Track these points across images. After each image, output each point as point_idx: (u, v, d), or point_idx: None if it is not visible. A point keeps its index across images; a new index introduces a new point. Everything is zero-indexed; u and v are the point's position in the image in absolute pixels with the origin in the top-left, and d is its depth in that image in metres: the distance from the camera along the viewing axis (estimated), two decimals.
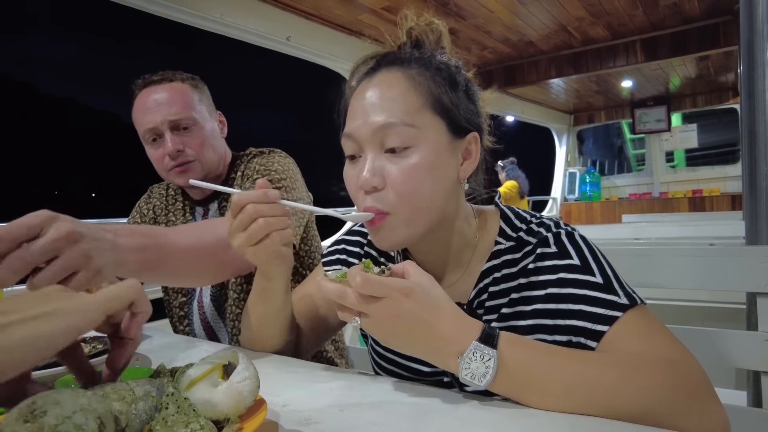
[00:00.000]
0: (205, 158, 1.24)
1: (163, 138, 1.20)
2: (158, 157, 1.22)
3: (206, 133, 1.24)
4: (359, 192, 0.71)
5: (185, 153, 1.20)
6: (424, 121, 0.70)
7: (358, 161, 0.73)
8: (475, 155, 0.76)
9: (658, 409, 0.56)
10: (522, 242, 0.75)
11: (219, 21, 2.55)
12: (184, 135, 1.21)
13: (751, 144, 1.20)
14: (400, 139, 0.68)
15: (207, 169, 1.25)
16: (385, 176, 0.69)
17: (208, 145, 1.24)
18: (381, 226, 0.70)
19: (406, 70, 0.72)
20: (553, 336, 0.70)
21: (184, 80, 1.24)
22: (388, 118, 0.68)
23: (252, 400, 0.51)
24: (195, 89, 1.25)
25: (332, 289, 0.60)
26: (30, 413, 0.39)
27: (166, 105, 1.19)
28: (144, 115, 1.20)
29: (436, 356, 0.61)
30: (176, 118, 1.19)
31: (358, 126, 0.71)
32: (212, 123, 1.29)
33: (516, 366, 0.58)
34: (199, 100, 1.25)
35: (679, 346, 0.64)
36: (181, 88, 1.22)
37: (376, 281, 0.58)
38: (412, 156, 0.69)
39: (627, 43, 4.25)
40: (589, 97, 6.48)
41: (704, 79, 5.86)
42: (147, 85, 1.22)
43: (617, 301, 0.66)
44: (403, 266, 0.63)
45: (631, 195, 7.05)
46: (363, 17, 3.17)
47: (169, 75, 1.24)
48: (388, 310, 0.58)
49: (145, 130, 1.21)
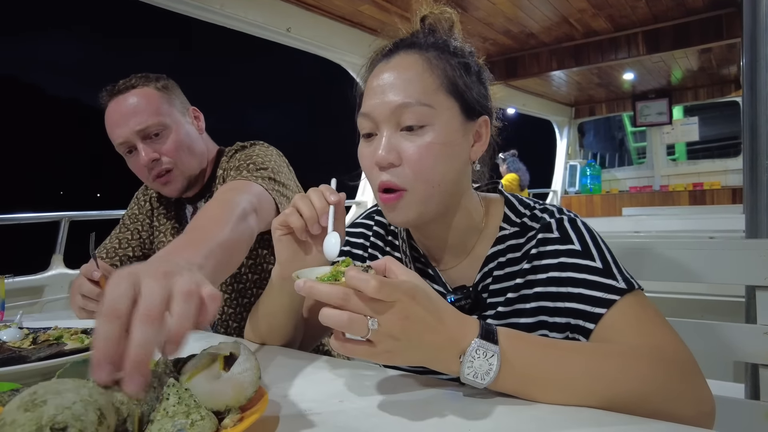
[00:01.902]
0: (183, 163, 1.21)
1: (137, 148, 1.17)
2: (138, 168, 1.20)
3: (180, 136, 1.20)
4: (374, 168, 0.73)
5: (161, 161, 1.18)
6: (439, 101, 0.72)
7: (373, 139, 0.75)
8: (485, 138, 0.78)
9: (654, 395, 0.58)
10: (526, 228, 0.78)
11: (219, 12, 2.53)
12: (156, 142, 1.18)
13: (752, 137, 1.20)
14: (416, 118, 0.71)
15: (188, 173, 1.23)
16: (401, 153, 0.71)
17: (184, 148, 1.20)
18: (397, 204, 0.72)
19: (423, 53, 0.74)
20: (554, 318, 0.72)
21: (149, 83, 1.19)
22: (405, 97, 0.71)
23: (253, 391, 0.52)
24: (162, 91, 1.21)
25: (331, 292, 0.53)
26: (31, 402, 0.39)
27: (132, 115, 1.15)
28: (113, 130, 1.17)
29: (440, 359, 0.58)
30: (144, 126, 1.15)
31: (375, 105, 0.73)
32: (186, 123, 1.24)
33: (518, 362, 0.58)
34: (167, 103, 1.21)
35: (671, 332, 0.66)
36: (146, 93, 1.18)
37: (391, 284, 0.54)
38: (428, 134, 0.71)
39: (629, 35, 4.23)
40: (591, 89, 6.46)
41: (706, 72, 5.84)
42: (112, 97, 1.18)
43: (615, 285, 0.68)
44: (384, 263, 0.60)
45: (631, 188, 7.05)
46: (363, 8, 3.15)
47: (133, 81, 1.19)
48: (399, 313, 0.54)
49: (118, 145, 1.19)
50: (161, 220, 1.35)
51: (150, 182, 1.22)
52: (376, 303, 0.53)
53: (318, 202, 0.72)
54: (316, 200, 0.72)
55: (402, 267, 0.60)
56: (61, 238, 2.13)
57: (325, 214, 0.72)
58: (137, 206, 1.39)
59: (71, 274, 2.08)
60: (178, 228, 1.32)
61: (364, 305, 0.53)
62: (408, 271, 0.59)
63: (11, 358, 0.74)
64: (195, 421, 0.46)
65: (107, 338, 0.40)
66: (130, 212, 1.38)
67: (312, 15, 3.07)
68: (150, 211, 1.37)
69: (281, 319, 0.84)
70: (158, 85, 1.21)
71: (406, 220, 0.74)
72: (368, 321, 0.53)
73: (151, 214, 1.37)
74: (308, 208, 0.71)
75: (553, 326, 0.73)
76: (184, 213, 1.34)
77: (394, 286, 0.54)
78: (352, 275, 0.53)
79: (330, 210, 0.72)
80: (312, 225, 0.72)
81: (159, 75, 1.24)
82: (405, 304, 0.55)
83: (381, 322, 0.54)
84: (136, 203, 1.40)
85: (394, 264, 0.60)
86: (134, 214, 1.37)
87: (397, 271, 0.59)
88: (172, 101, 1.23)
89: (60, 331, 0.89)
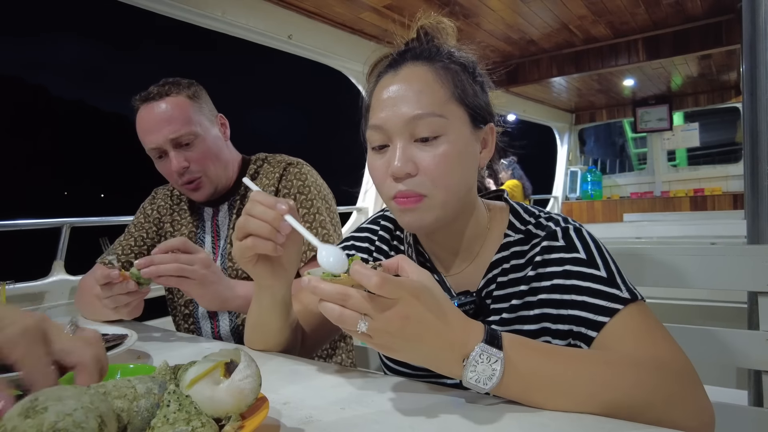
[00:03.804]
0: (211, 171, 1.26)
1: (168, 155, 1.22)
2: (167, 172, 1.26)
3: (209, 144, 1.25)
4: (387, 180, 0.74)
5: (190, 169, 1.23)
6: (450, 111, 0.73)
7: (386, 151, 0.75)
8: (491, 145, 0.81)
9: (656, 403, 0.58)
10: (530, 235, 0.78)
11: (220, 19, 2.54)
12: (187, 151, 1.22)
13: (753, 143, 1.20)
14: (430, 129, 0.71)
15: (216, 181, 1.28)
16: (417, 163, 0.72)
17: (212, 156, 1.26)
18: (417, 207, 0.73)
19: (431, 64, 0.75)
20: (557, 325, 0.73)
21: (181, 92, 1.24)
22: (418, 109, 0.71)
23: (253, 398, 0.52)
24: (193, 100, 1.25)
25: (331, 291, 0.55)
26: (32, 409, 0.39)
27: (165, 123, 1.20)
28: (146, 135, 1.22)
29: (441, 361, 0.59)
30: (176, 136, 1.20)
31: (388, 117, 0.73)
32: (214, 131, 1.29)
33: (522, 368, 0.58)
34: (198, 111, 1.25)
35: (672, 343, 0.67)
36: (179, 102, 1.22)
37: (393, 281, 0.54)
38: (442, 144, 0.72)
39: (629, 41, 4.24)
40: (591, 95, 6.47)
41: (706, 78, 5.85)
42: (145, 102, 1.23)
43: (619, 294, 0.69)
44: (396, 261, 0.60)
45: (632, 194, 7.04)
46: (364, 15, 3.17)
47: (166, 88, 1.23)
48: (398, 312, 0.55)
49: (149, 150, 1.24)
50: (175, 226, 1.38)
51: (179, 186, 1.28)
52: (377, 300, 0.54)
53: (267, 216, 0.70)
54: (263, 215, 0.70)
55: (414, 266, 0.60)
56: (62, 245, 2.13)
57: (279, 223, 0.70)
58: (143, 215, 1.41)
59: (72, 280, 2.08)
60: (195, 231, 1.35)
61: (364, 303, 0.54)
62: (420, 270, 0.59)
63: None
64: (195, 428, 0.46)
65: None
66: (136, 221, 1.41)
67: (313, 22, 3.08)
68: (158, 220, 1.40)
69: (274, 326, 0.84)
70: (189, 93, 1.25)
71: (422, 225, 0.74)
72: (359, 320, 0.55)
73: (159, 221, 1.40)
74: (262, 227, 0.70)
75: (555, 333, 0.73)
76: (202, 215, 1.36)
77: (397, 284, 0.55)
78: (356, 269, 0.54)
79: (288, 218, 0.70)
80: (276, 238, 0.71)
81: (190, 81, 1.28)
82: (407, 303, 0.55)
83: (380, 319, 0.55)
84: (142, 212, 1.42)
85: (407, 262, 0.60)
86: (140, 222, 1.40)
87: (409, 270, 0.59)
88: (202, 109, 1.27)
89: None
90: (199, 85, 1.29)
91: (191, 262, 1.00)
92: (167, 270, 0.99)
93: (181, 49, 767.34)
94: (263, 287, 0.80)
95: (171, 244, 1.01)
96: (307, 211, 1.26)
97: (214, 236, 1.33)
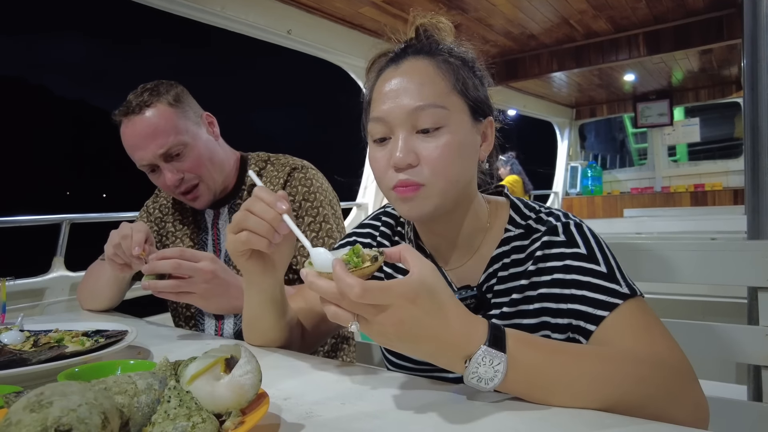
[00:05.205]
0: (207, 176, 1.22)
1: (161, 169, 1.18)
2: (163, 185, 1.22)
3: (200, 150, 1.20)
4: (388, 170, 0.74)
5: (185, 178, 1.20)
6: (452, 103, 0.74)
7: (387, 143, 0.75)
8: (491, 138, 0.81)
9: (655, 398, 0.59)
10: (531, 230, 0.79)
11: (219, 14, 2.53)
12: (178, 161, 1.18)
13: (753, 138, 1.20)
14: (432, 120, 0.72)
15: (213, 185, 1.25)
16: (419, 154, 0.72)
17: (206, 161, 1.21)
18: (416, 196, 0.73)
19: (432, 58, 0.76)
20: (556, 319, 0.73)
21: (161, 99, 1.17)
22: (420, 100, 0.72)
23: (254, 393, 0.52)
24: (175, 106, 1.18)
25: (327, 290, 0.55)
26: (37, 403, 0.39)
27: (151, 138, 1.14)
28: (133, 152, 1.18)
29: (441, 359, 0.59)
30: (165, 150, 1.15)
31: (390, 109, 0.73)
32: (203, 133, 1.24)
33: (525, 367, 0.58)
34: (183, 117, 1.19)
35: (669, 339, 0.68)
36: (162, 111, 1.16)
37: (377, 289, 0.53)
38: (444, 135, 0.72)
39: (629, 36, 4.23)
40: (591, 90, 6.45)
41: (707, 73, 5.83)
42: (125, 116, 1.16)
43: (619, 289, 0.69)
44: (399, 250, 0.59)
45: (632, 189, 7.03)
46: (364, 10, 3.15)
47: (145, 98, 1.16)
48: (391, 317, 0.54)
49: (140, 166, 1.20)
50: (177, 226, 1.37)
51: (178, 197, 1.26)
52: (368, 305, 0.54)
53: (267, 215, 0.72)
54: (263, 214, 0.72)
55: (417, 256, 0.59)
56: (62, 241, 2.12)
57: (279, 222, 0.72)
58: (146, 214, 1.41)
59: (72, 276, 2.08)
60: (197, 233, 1.34)
61: (356, 305, 0.54)
62: (422, 261, 0.58)
63: (12, 360, 0.74)
64: (196, 423, 0.46)
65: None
66: (138, 220, 1.40)
67: (312, 17, 3.07)
68: (160, 219, 1.39)
69: (266, 322, 0.85)
70: (170, 98, 1.18)
71: (422, 213, 0.75)
72: (351, 322, 0.55)
73: (162, 221, 1.39)
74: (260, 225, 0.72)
75: (555, 327, 0.74)
76: (204, 218, 1.34)
77: (383, 290, 0.53)
78: (339, 276, 0.53)
79: (285, 218, 0.71)
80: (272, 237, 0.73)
81: (169, 83, 1.21)
82: (400, 307, 0.54)
83: (374, 322, 0.55)
84: (144, 211, 1.42)
85: (409, 252, 0.59)
86: (142, 221, 1.39)
87: (410, 261, 0.58)
88: (187, 113, 1.21)
89: (61, 334, 0.90)
90: (179, 85, 1.23)
91: (192, 272, 0.98)
92: (165, 287, 0.98)
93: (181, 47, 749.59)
94: (251, 283, 0.81)
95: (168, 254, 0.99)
96: (313, 219, 1.23)
97: (215, 239, 1.32)
